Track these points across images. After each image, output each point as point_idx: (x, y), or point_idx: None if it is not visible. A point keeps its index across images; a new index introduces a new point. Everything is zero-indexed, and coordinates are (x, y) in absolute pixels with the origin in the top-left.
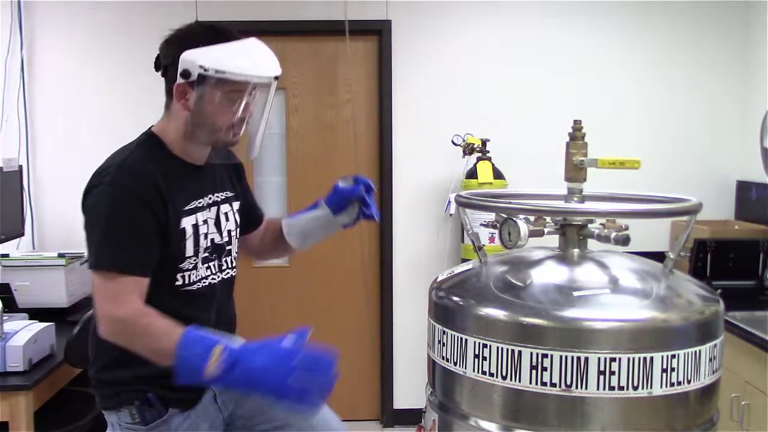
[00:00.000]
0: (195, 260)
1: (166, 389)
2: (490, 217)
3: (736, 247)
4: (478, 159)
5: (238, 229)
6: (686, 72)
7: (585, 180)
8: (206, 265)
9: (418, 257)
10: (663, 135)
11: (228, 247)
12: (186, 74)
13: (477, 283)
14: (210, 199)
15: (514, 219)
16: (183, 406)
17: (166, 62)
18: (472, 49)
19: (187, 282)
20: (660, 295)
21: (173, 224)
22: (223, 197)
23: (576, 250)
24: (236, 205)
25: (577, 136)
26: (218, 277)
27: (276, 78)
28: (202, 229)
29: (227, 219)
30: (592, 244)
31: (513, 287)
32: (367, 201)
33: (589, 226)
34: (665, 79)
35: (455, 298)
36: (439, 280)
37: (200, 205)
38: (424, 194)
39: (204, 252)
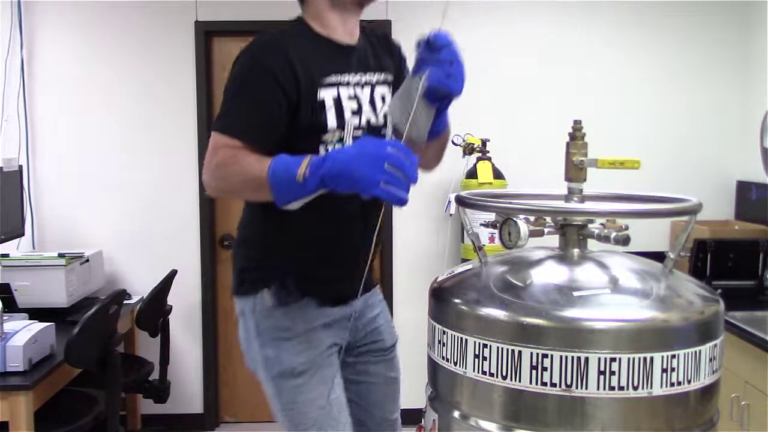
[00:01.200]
0: (341, 133)
1: (306, 277)
2: (490, 217)
3: (736, 247)
4: (478, 159)
5: None
6: (686, 72)
7: (585, 180)
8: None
9: (418, 257)
10: (663, 135)
11: (383, 132)
12: None
13: (477, 283)
14: (361, 77)
15: (514, 219)
16: (319, 298)
17: None
18: (472, 49)
19: None
20: (660, 295)
21: (308, 96)
22: (380, 79)
23: (576, 250)
24: (391, 88)
25: (577, 136)
26: None
27: None
28: (348, 104)
29: (384, 102)
30: (592, 244)
31: (513, 287)
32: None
33: (589, 226)
34: (666, 79)
35: (455, 299)
36: (439, 280)
37: (343, 80)
38: (424, 194)
39: (356, 130)
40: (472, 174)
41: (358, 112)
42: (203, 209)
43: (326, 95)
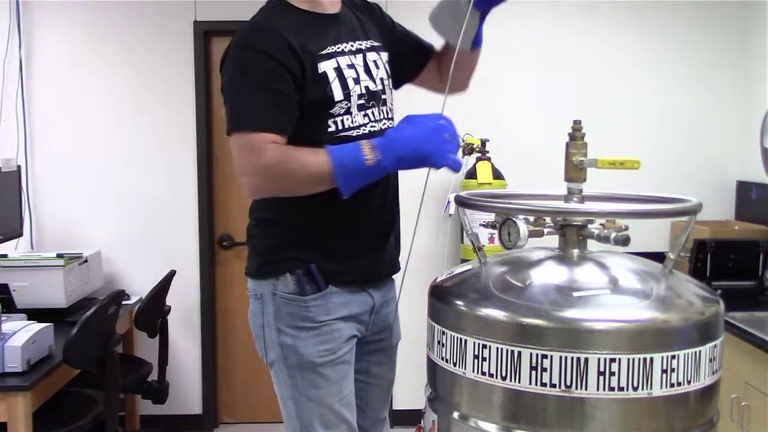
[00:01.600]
0: (347, 104)
1: (332, 258)
2: (490, 217)
3: (736, 247)
4: (478, 159)
5: (390, 80)
6: (687, 72)
7: (584, 180)
8: (363, 112)
9: (418, 258)
10: (663, 135)
11: (383, 96)
12: None
13: (476, 283)
14: (352, 45)
15: (514, 219)
16: (343, 285)
17: None
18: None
19: (341, 128)
20: (660, 295)
21: (311, 71)
22: (368, 45)
23: (576, 251)
24: (385, 56)
25: (576, 136)
26: (378, 125)
27: None
28: (349, 73)
29: (377, 67)
30: (592, 245)
31: (513, 288)
32: None
33: (589, 226)
34: (666, 78)
35: (455, 299)
36: (438, 280)
37: (339, 50)
38: (419, 195)
39: (359, 99)
40: (471, 174)
41: (356, 80)
42: (202, 209)
43: (327, 67)
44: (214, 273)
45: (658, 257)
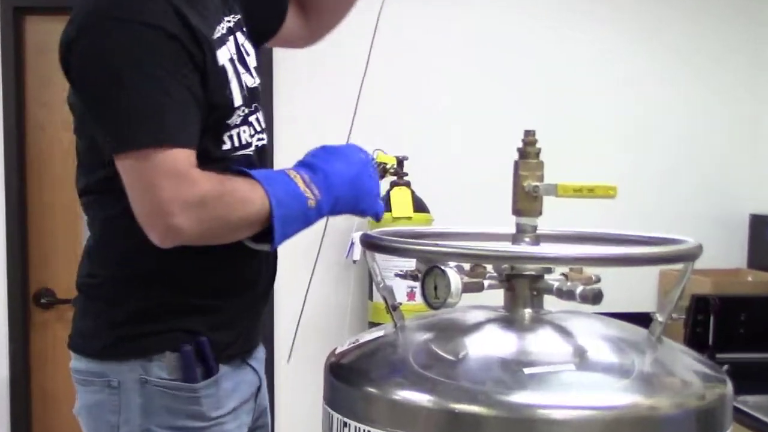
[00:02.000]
0: (244, 111)
1: (218, 332)
2: (410, 264)
3: (749, 305)
4: (393, 184)
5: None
6: (686, 75)
7: (540, 213)
8: (249, 120)
9: (310, 320)
10: (652, 155)
11: (258, 95)
12: None
13: (391, 355)
14: (223, 26)
15: (443, 267)
16: (229, 361)
17: None
18: (381, 37)
19: (238, 144)
20: (644, 372)
21: (210, 62)
22: (234, 22)
23: (528, 311)
24: (245, 32)
25: (529, 152)
26: (263, 137)
27: None
28: (239, 68)
29: (248, 54)
30: (550, 302)
31: (441, 362)
32: None
33: (546, 277)
34: (653, 76)
35: (361, 378)
36: (338, 352)
37: (223, 32)
38: (317, 233)
39: (245, 101)
40: (384, 205)
41: (241, 73)
42: (11, 256)
43: (223, 59)
44: (28, 340)
45: (643, 320)
